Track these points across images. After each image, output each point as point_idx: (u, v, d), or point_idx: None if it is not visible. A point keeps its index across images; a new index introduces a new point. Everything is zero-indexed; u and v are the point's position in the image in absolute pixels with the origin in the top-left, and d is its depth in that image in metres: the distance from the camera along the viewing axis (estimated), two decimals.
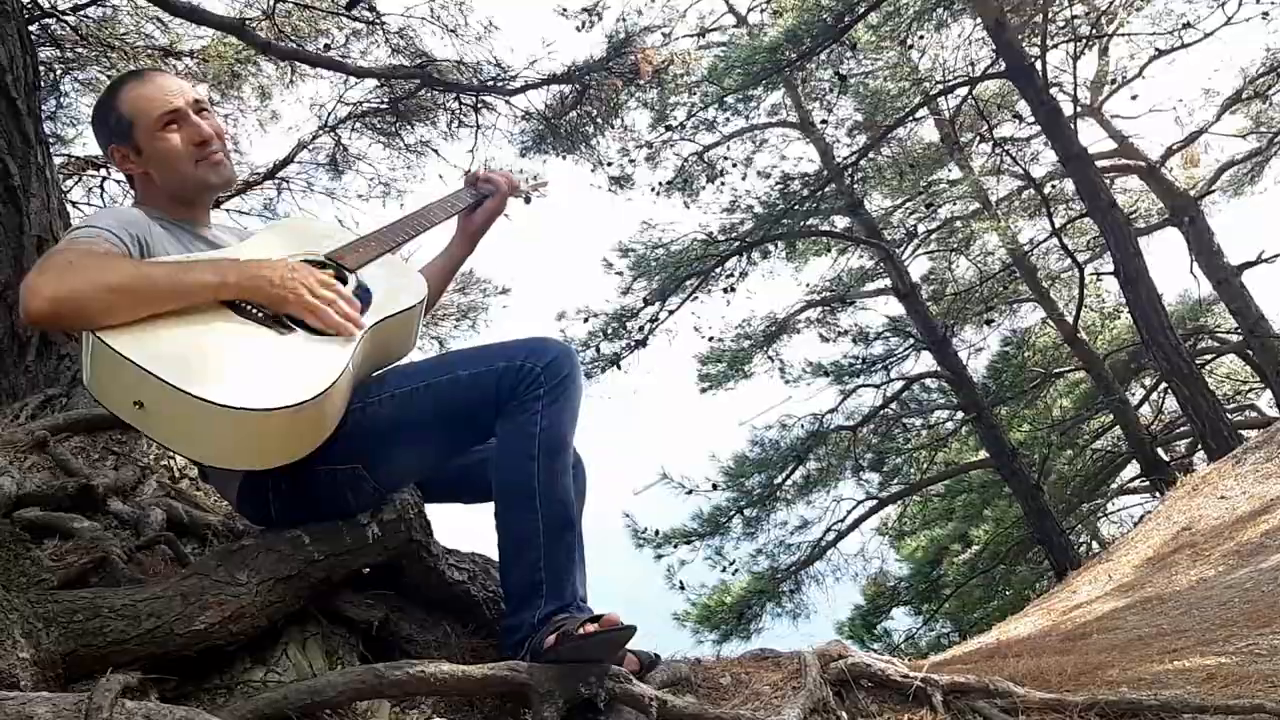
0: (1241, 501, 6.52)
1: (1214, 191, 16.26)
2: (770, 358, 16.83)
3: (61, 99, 9.02)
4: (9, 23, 3.91)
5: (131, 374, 1.74)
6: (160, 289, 1.84)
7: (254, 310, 1.92)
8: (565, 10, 13.37)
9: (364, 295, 2.13)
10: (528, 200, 2.95)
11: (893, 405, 16.89)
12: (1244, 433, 12.56)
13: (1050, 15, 12.76)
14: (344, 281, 2.11)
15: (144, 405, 1.75)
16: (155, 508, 2.53)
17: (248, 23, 7.71)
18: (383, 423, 2.05)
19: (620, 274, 15.32)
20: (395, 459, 2.10)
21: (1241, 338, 15.46)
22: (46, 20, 7.92)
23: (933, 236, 17.16)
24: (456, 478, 2.40)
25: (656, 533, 15.49)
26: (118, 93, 2.16)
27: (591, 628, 1.92)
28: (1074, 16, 13.54)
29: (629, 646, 2.09)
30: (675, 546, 15.55)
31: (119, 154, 2.16)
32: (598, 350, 14.64)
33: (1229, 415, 13.35)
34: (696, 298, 15.07)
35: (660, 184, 14.90)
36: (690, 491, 15.60)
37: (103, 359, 1.78)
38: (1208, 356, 16.89)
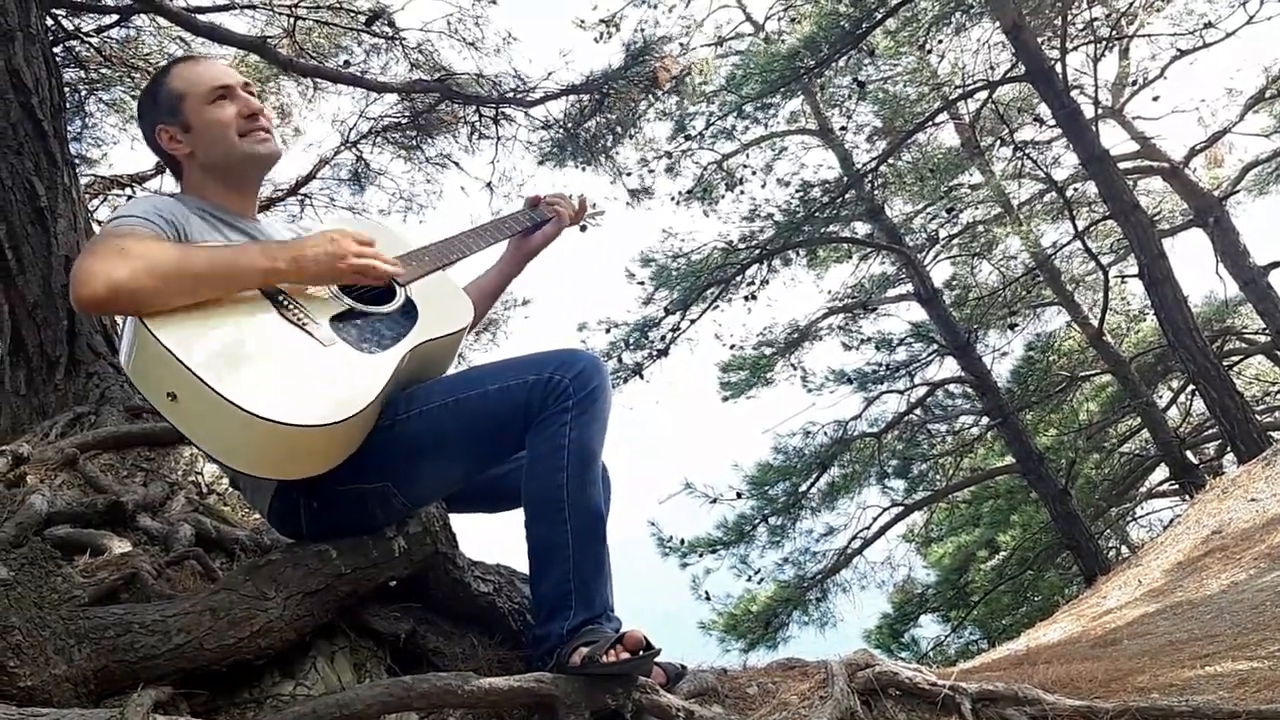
0: (1272, 504, 6.44)
1: (1239, 191, 16.11)
2: (792, 365, 16.81)
3: (87, 120, 9.13)
4: (34, 45, 3.95)
5: (170, 366, 1.75)
6: (212, 273, 1.86)
7: (297, 312, 1.94)
8: (583, 22, 13.45)
9: (410, 314, 2.14)
10: (584, 228, 2.94)
11: (917, 411, 16.78)
12: (1273, 434, 12.43)
13: (1069, 17, 12.69)
14: (393, 295, 2.13)
15: (177, 398, 1.77)
16: (184, 523, 2.55)
17: (269, 41, 7.77)
18: (411, 440, 2.04)
19: (642, 284, 15.33)
20: (425, 475, 2.10)
21: (1269, 338, 15.31)
22: (71, 42, 8.01)
23: (955, 241, 17.08)
24: (479, 488, 2.39)
25: (682, 541, 15.45)
26: (169, 71, 2.21)
27: (619, 655, 1.93)
28: (1093, 18, 13.46)
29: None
30: (701, 555, 15.49)
31: (166, 134, 2.17)
32: (620, 360, 14.65)
33: (1258, 417, 13.22)
34: (718, 306, 15.06)
35: (680, 193, 14.94)
36: (714, 500, 15.56)
37: (145, 347, 1.79)
38: (1235, 358, 16.71)
